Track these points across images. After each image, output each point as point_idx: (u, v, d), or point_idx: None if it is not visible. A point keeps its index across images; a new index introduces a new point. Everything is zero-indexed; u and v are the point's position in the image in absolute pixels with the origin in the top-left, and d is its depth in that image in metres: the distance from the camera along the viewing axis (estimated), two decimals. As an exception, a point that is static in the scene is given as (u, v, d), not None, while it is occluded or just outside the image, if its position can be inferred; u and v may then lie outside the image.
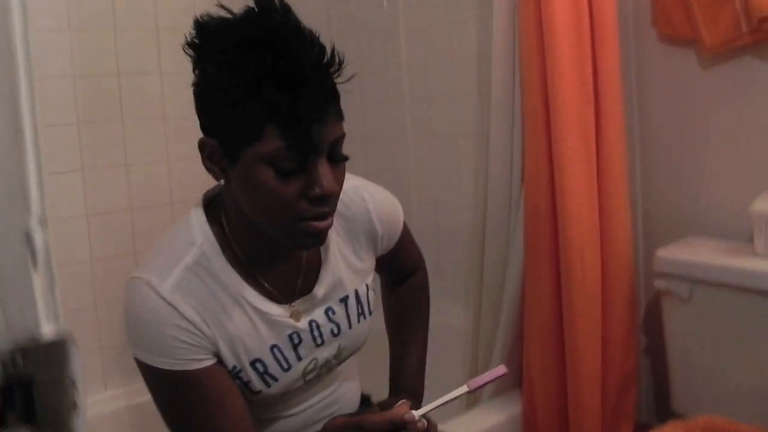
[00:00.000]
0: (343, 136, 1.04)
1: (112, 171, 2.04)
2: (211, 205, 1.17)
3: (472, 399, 2.11)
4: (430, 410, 0.92)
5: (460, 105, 2.55)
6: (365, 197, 1.28)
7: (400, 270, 1.52)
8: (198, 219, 1.14)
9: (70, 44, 1.96)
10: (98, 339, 2.02)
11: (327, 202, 1.04)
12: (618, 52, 1.85)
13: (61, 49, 1.95)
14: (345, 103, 1.06)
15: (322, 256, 1.23)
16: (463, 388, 0.93)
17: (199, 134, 1.07)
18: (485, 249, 2.07)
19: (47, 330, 0.41)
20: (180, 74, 2.01)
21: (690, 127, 1.93)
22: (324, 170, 1.01)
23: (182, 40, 1.03)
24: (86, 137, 2.00)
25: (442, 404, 0.93)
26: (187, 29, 1.03)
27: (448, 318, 2.50)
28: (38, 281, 0.41)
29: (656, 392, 2.09)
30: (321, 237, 1.08)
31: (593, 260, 1.84)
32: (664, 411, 1.66)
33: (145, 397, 1.92)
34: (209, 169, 1.07)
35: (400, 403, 0.91)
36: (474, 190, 2.39)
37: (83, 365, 1.44)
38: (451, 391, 0.95)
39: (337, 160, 1.05)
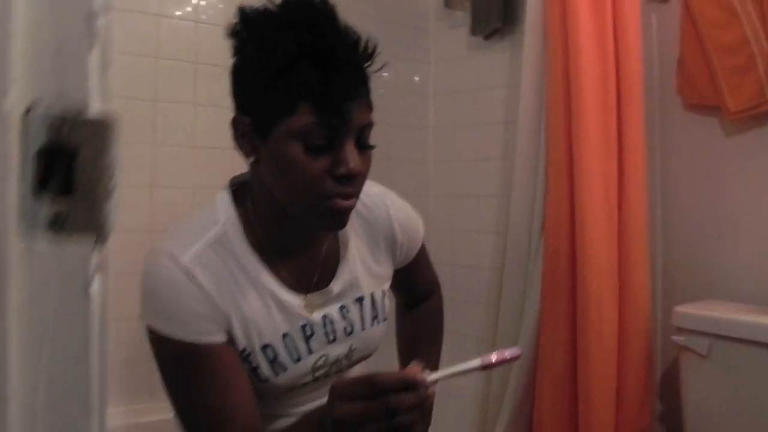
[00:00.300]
0: (371, 124, 1.08)
1: (137, 190, 2.07)
2: (238, 189, 1.19)
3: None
4: (442, 377, 0.90)
5: (484, 167, 2.58)
6: (388, 203, 1.30)
7: (416, 290, 1.52)
8: (223, 200, 1.16)
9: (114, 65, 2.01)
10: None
11: (352, 182, 1.06)
12: (642, 112, 1.90)
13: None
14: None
15: (341, 253, 1.24)
16: (476, 362, 0.91)
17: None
18: (501, 297, 2.06)
19: (97, 108, 0.42)
20: (213, 108, 2.12)
21: (712, 192, 1.95)
22: (351, 150, 1.04)
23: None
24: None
25: (453, 374, 0.90)
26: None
27: (465, 380, 2.45)
28: (94, 59, 0.42)
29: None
30: (343, 218, 1.10)
31: (611, 310, 1.82)
32: (679, 471, 1.60)
33: (145, 417, 1.94)
34: (240, 147, 1.10)
35: (412, 363, 0.89)
36: (493, 249, 2.40)
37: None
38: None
39: (365, 147, 1.08)
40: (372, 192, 1.29)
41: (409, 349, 1.53)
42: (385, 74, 2.68)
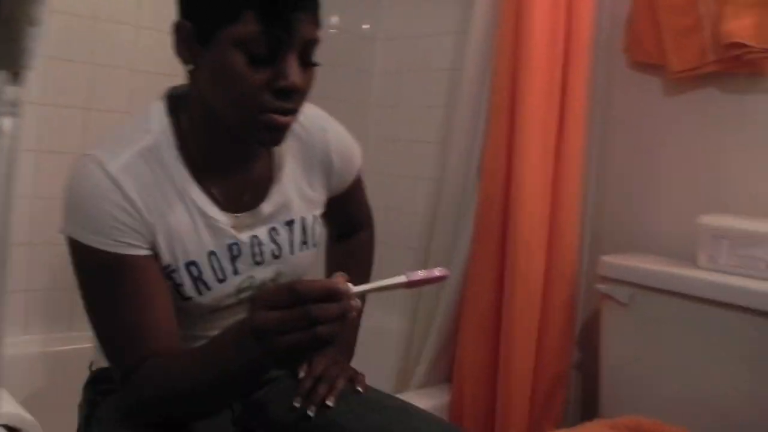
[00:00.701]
0: (317, 41, 1.05)
1: (70, 111, 2.00)
2: (174, 100, 1.16)
3: (400, 385, 2.09)
4: (366, 291, 0.89)
5: (426, 113, 2.58)
6: (326, 127, 1.29)
7: (349, 222, 1.51)
8: (157, 110, 1.13)
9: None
10: (26, 279, 1.95)
11: (292, 97, 1.04)
12: (588, 65, 1.91)
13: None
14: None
15: (274, 174, 1.22)
16: (401, 278, 0.89)
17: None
18: (432, 240, 2.07)
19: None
20: (157, 31, 2.05)
21: (646, 149, 1.99)
22: (293, 64, 1.02)
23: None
24: (50, 73, 1.95)
25: (378, 288, 0.90)
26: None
27: (388, 323, 2.48)
28: None
29: (585, 397, 2.08)
30: (280, 134, 1.08)
31: (539, 256, 1.85)
32: (592, 417, 1.65)
33: (64, 346, 1.91)
34: (180, 53, 1.07)
35: (336, 274, 0.89)
36: (429, 195, 2.41)
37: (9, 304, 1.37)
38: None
39: (308, 64, 1.06)
40: (311, 114, 1.27)
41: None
42: (334, 18, 2.67)
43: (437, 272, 0.92)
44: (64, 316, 1.99)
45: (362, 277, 1.53)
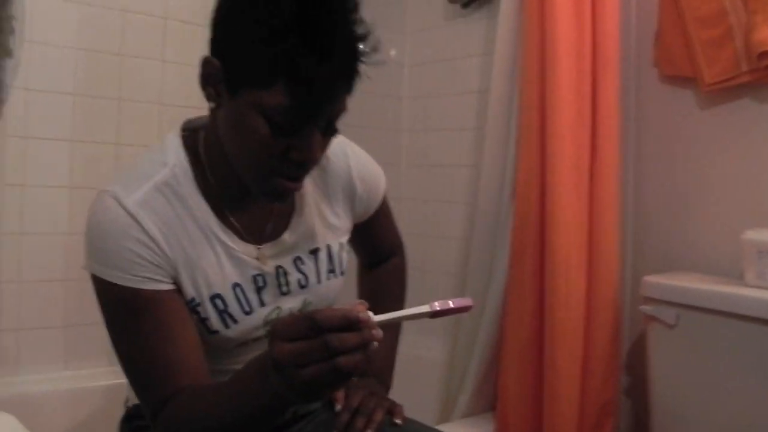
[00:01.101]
0: (344, 110, 1.02)
1: (102, 147, 2.01)
2: (191, 133, 1.14)
3: (444, 416, 2.04)
4: (388, 320, 0.84)
5: (457, 137, 2.56)
6: (348, 153, 1.26)
7: (378, 249, 1.49)
8: (173, 142, 1.11)
9: (77, 16, 1.96)
10: (64, 316, 1.96)
11: (305, 167, 1.02)
12: (618, 80, 1.88)
13: (67, 20, 1.94)
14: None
15: (296, 203, 1.20)
16: (425, 307, 0.85)
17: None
18: (468, 266, 2.04)
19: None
20: (181, 65, 2.06)
21: (685, 164, 1.93)
22: (315, 140, 0.99)
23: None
24: (80, 109, 1.97)
25: (400, 318, 0.85)
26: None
27: (429, 352, 2.45)
28: None
29: (636, 425, 2.00)
30: (286, 197, 1.08)
31: (579, 279, 1.80)
32: (642, 444, 1.59)
33: (104, 381, 1.90)
34: (203, 88, 1.03)
35: (356, 302, 0.85)
36: (464, 219, 2.38)
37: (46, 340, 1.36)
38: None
39: (331, 133, 1.03)
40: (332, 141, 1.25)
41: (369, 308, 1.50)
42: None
43: (462, 302, 0.87)
44: (103, 351, 1.98)
45: (396, 305, 1.49)
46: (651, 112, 2.00)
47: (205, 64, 1.01)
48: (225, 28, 0.99)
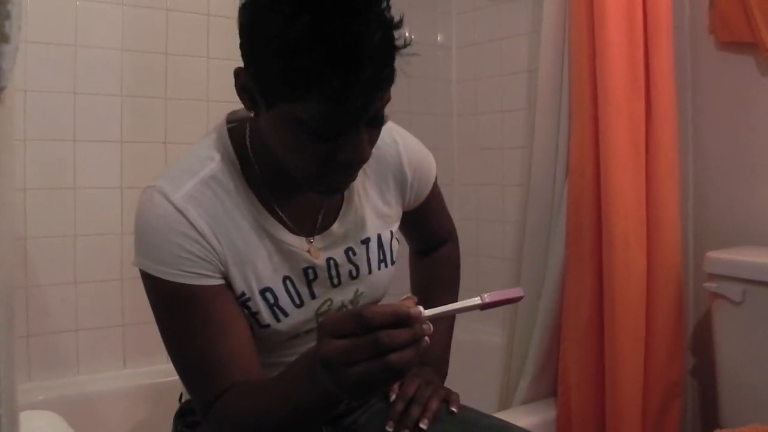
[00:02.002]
0: (388, 100, 0.95)
1: (151, 146, 2.03)
2: (236, 125, 1.13)
3: (503, 403, 2.00)
4: (439, 314, 0.81)
5: (508, 118, 2.51)
6: (397, 139, 1.23)
7: (430, 236, 1.45)
8: (220, 136, 1.10)
9: (122, 17, 1.97)
10: (122, 314, 1.98)
11: (356, 167, 0.99)
12: (671, 49, 1.80)
13: (113, 22, 1.96)
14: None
15: (346, 193, 1.17)
16: (475, 300, 0.82)
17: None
18: (524, 249, 1.99)
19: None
20: (226, 60, 2.06)
21: (747, 133, 1.86)
22: (360, 139, 0.94)
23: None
24: (128, 110, 1.99)
25: (451, 311, 0.83)
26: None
27: (487, 337, 2.42)
28: None
29: (704, 406, 1.94)
30: (343, 190, 1.06)
31: (639, 257, 1.74)
32: (712, 426, 1.52)
33: (162, 378, 1.92)
34: (240, 97, 1.00)
35: (405, 296, 0.82)
36: (519, 202, 2.33)
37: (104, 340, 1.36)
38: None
39: (377, 124, 0.98)
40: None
41: (422, 298, 1.46)
42: (406, 28, 2.64)
43: (512, 292, 0.85)
44: (160, 348, 1.99)
45: (450, 293, 1.46)
46: (708, 81, 1.93)
47: (237, 75, 0.97)
48: (249, 36, 0.93)
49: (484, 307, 0.83)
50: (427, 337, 0.79)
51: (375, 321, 0.76)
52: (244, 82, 0.97)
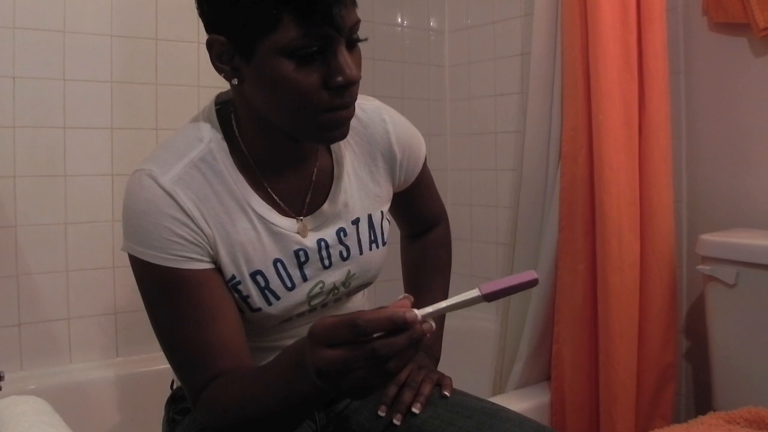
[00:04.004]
0: (359, 21, 0.98)
1: (142, 133, 2.01)
2: (223, 106, 1.11)
3: (497, 387, 2.00)
4: (436, 313, 0.79)
5: (501, 102, 2.50)
6: (385, 118, 1.22)
7: (421, 219, 1.45)
8: (208, 117, 1.09)
9: (110, 3, 1.96)
10: (114, 302, 1.98)
11: (349, 90, 0.97)
12: (664, 31, 1.79)
13: (102, 7, 1.95)
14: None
15: (335, 172, 1.16)
16: (474, 292, 0.79)
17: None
18: (517, 234, 1.99)
19: None
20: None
21: (740, 116, 1.84)
22: (345, 57, 0.95)
23: None
24: (118, 97, 1.98)
25: (449, 307, 0.80)
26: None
27: (480, 322, 2.41)
28: None
29: (698, 389, 1.94)
30: (344, 128, 1.02)
31: (632, 240, 1.74)
32: (706, 409, 1.52)
33: (155, 365, 1.91)
34: (220, 70, 1.01)
35: (401, 297, 0.81)
36: (512, 186, 2.33)
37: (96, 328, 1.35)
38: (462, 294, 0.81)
39: (354, 44, 0.99)
40: (368, 107, 1.20)
41: (414, 282, 1.47)
42: (401, 17, 2.64)
43: (524, 277, 0.79)
44: (153, 336, 1.99)
45: (441, 276, 1.46)
46: (702, 63, 1.91)
47: (210, 45, 0.98)
48: (210, 1, 0.96)
49: (487, 298, 0.80)
50: (426, 335, 0.78)
51: (370, 329, 0.76)
52: (217, 49, 0.98)
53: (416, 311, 0.78)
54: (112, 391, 1.91)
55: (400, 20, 2.64)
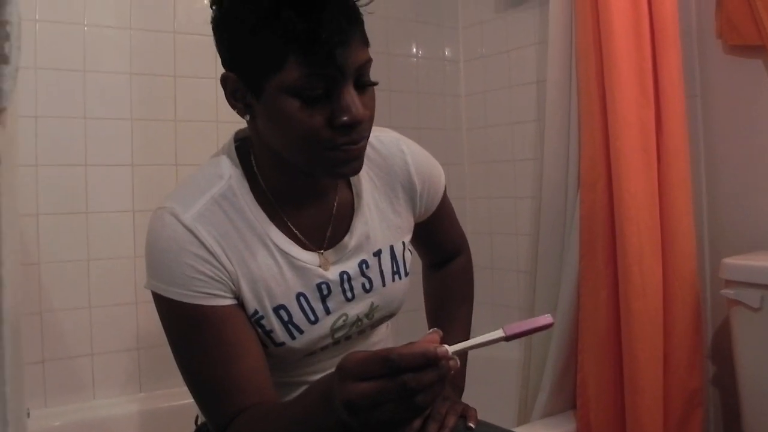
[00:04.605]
0: (369, 61, 0.99)
1: (162, 169, 2.04)
2: (242, 143, 1.13)
3: (522, 417, 1.98)
4: (464, 349, 0.81)
5: (518, 130, 2.50)
6: (404, 149, 1.23)
7: (442, 249, 1.45)
8: (228, 154, 1.10)
9: (129, 42, 1.99)
10: (136, 338, 1.98)
11: (357, 129, 0.98)
12: (679, 55, 1.78)
13: (121, 47, 1.98)
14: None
15: (355, 204, 1.17)
16: (499, 332, 0.82)
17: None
18: (538, 262, 1.98)
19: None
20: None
21: (759, 138, 1.83)
22: (350, 96, 0.96)
23: None
24: (138, 134, 2.00)
25: (475, 345, 0.82)
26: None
27: (504, 352, 2.39)
28: None
29: (725, 413, 1.91)
30: (355, 163, 1.02)
31: (654, 266, 1.73)
32: (734, 436, 1.51)
33: (178, 400, 1.91)
34: (233, 106, 1.03)
35: (431, 331, 0.81)
36: (531, 214, 2.33)
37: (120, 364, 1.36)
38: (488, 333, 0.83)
39: (365, 86, 1.00)
40: (386, 139, 1.21)
41: (437, 312, 1.46)
42: (414, 47, 2.67)
43: (541, 321, 0.83)
44: (176, 371, 1.99)
45: (465, 306, 1.45)
46: (718, 86, 1.91)
47: (224, 81, 1.02)
48: (224, 39, 1.00)
49: (508, 338, 0.83)
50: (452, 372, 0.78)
51: (403, 364, 0.75)
52: (231, 85, 1.01)
53: (446, 347, 0.78)
54: (136, 427, 1.91)
55: (414, 50, 2.66)
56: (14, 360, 0.38)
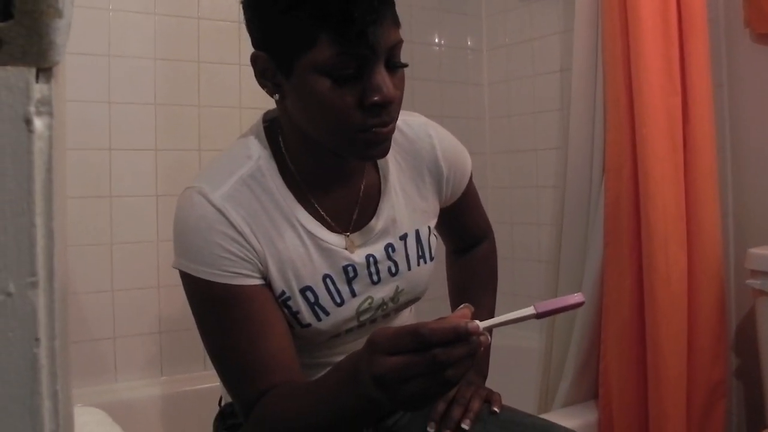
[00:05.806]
0: (400, 42, 0.99)
1: (185, 154, 2.04)
2: (271, 124, 1.13)
3: (543, 406, 1.98)
4: (494, 325, 0.80)
5: (541, 119, 2.49)
6: (431, 134, 1.22)
7: (467, 234, 1.44)
8: (257, 135, 1.10)
9: (154, 27, 2.00)
10: (159, 322, 1.99)
11: (387, 110, 0.98)
12: (707, 43, 1.77)
13: (145, 32, 1.99)
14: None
15: (382, 188, 1.16)
16: (530, 309, 0.81)
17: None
18: (561, 250, 1.97)
19: None
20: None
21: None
22: (382, 76, 0.95)
23: None
24: (162, 119, 2.01)
25: (506, 322, 0.81)
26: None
27: (526, 341, 2.39)
28: None
29: (748, 405, 1.90)
30: (384, 146, 1.02)
31: (679, 254, 1.71)
32: (758, 426, 1.49)
33: (199, 384, 1.92)
34: (262, 85, 1.03)
35: (462, 307, 0.81)
36: (554, 204, 2.31)
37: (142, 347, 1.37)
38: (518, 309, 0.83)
39: (396, 67, 0.99)
40: (414, 123, 1.21)
41: (461, 297, 1.46)
42: (438, 37, 2.66)
43: (572, 299, 0.82)
44: (198, 355, 2.01)
45: (489, 291, 1.45)
46: (745, 74, 1.89)
47: (254, 60, 1.01)
48: (255, 17, 0.99)
49: (539, 316, 0.82)
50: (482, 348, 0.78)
51: (434, 339, 0.75)
52: (261, 64, 1.00)
53: (477, 322, 0.78)
54: (157, 410, 1.92)
55: (437, 40, 2.65)
56: (61, 329, 0.38)
